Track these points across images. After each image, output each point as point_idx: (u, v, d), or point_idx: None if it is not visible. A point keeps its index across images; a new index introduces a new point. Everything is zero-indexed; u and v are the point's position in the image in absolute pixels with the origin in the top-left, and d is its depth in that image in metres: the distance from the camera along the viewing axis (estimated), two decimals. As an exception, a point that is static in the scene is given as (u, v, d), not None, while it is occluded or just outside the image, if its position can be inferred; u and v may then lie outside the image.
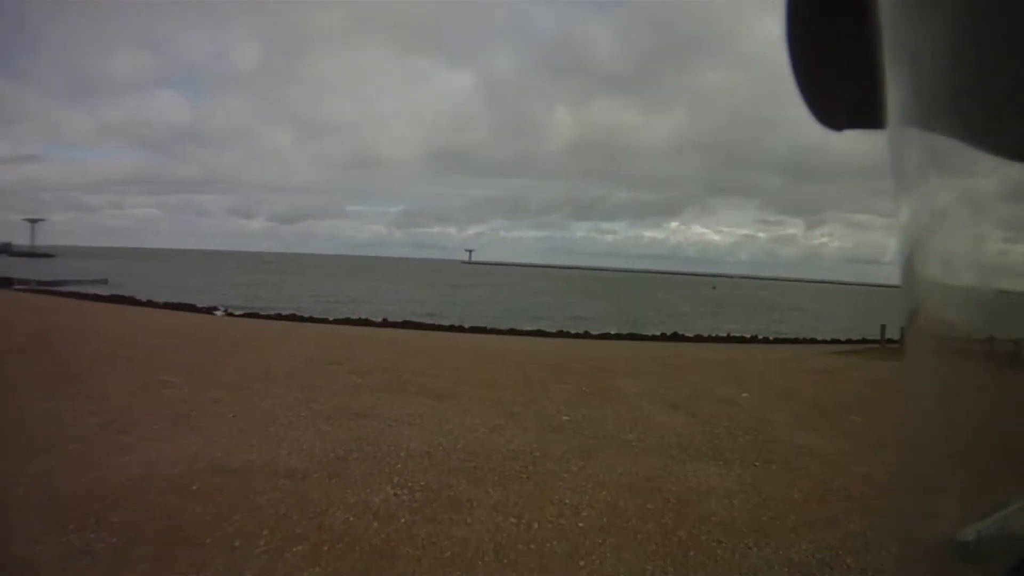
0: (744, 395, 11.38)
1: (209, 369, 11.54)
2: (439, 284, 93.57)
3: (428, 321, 32.77)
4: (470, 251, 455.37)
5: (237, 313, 33.05)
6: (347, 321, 30.69)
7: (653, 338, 28.93)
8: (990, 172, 0.57)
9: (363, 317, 33.07)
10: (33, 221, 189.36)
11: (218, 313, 32.79)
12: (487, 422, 8.49)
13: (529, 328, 31.02)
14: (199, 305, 35.77)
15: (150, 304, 35.06)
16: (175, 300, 37.51)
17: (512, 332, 28.72)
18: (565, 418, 8.96)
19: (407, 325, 29.57)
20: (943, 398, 0.66)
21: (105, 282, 56.49)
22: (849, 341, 27.97)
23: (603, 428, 8.56)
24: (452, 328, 29.22)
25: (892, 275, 0.67)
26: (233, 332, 19.62)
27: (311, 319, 31.13)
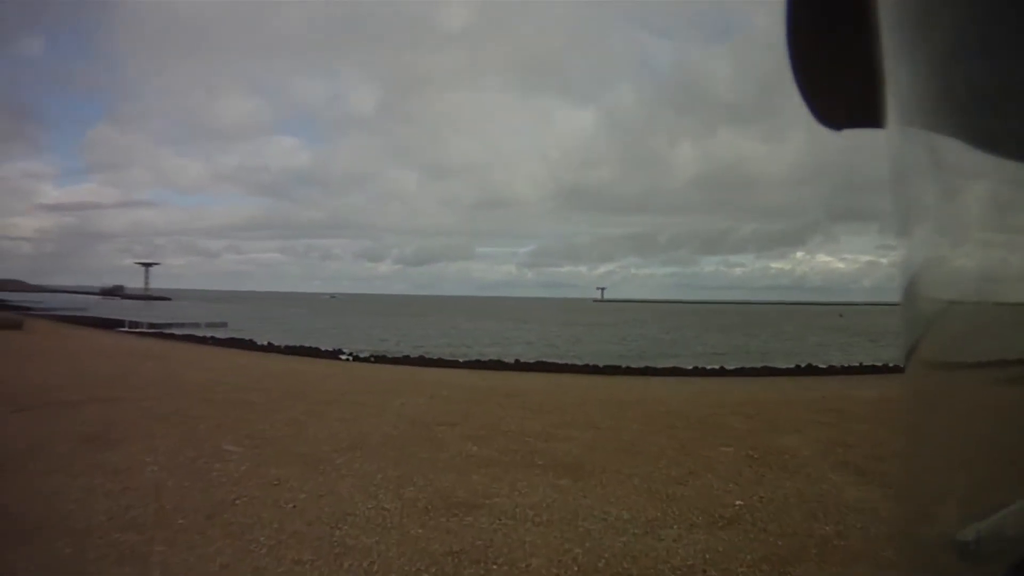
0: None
1: (288, 433, 9.41)
2: (572, 323, 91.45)
3: (560, 361, 31.59)
4: (602, 289, 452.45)
5: (363, 356, 32.47)
6: (477, 364, 29.47)
7: (788, 372, 27.54)
8: (990, 172, 0.58)
9: (494, 358, 32.09)
10: (146, 265, 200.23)
11: (343, 357, 32.22)
12: (638, 514, 6.19)
13: (664, 365, 29.62)
14: (323, 348, 35.30)
15: (270, 348, 34.85)
16: (297, 343, 37.04)
17: (647, 371, 27.06)
18: (738, 503, 6.64)
19: (540, 367, 28.28)
20: (943, 398, 0.66)
21: (224, 325, 56.64)
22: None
23: (789, 516, 6.25)
24: (586, 368, 27.81)
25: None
26: (341, 381, 17.21)
27: (439, 361, 30.15)
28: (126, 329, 47.49)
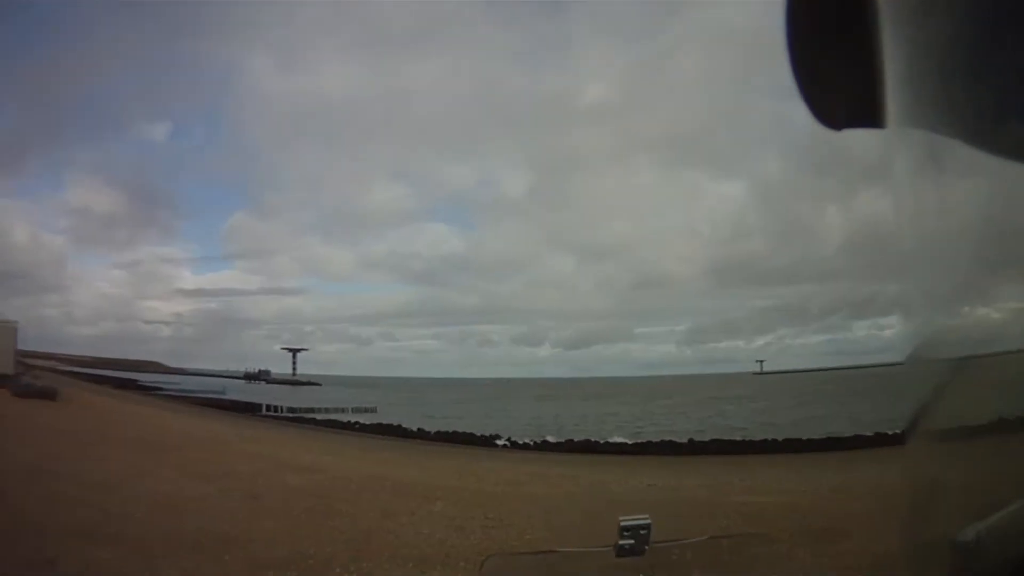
0: None
1: None
2: (731, 397, 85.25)
3: (737, 437, 31.08)
4: (761, 362, 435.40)
5: (522, 442, 30.90)
6: (649, 446, 28.85)
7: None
8: (990, 172, 0.58)
9: (667, 439, 30.92)
10: (293, 351, 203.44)
11: (500, 443, 30.75)
12: None
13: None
14: (478, 434, 33.81)
15: (420, 435, 33.74)
16: (450, 429, 35.70)
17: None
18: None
19: (716, 446, 27.95)
20: (943, 398, 0.64)
21: (374, 410, 53.78)
22: None
23: None
24: (764, 444, 27.75)
25: None
26: (454, 520, 9.78)
27: (606, 445, 28.64)
28: (264, 414, 46.44)
